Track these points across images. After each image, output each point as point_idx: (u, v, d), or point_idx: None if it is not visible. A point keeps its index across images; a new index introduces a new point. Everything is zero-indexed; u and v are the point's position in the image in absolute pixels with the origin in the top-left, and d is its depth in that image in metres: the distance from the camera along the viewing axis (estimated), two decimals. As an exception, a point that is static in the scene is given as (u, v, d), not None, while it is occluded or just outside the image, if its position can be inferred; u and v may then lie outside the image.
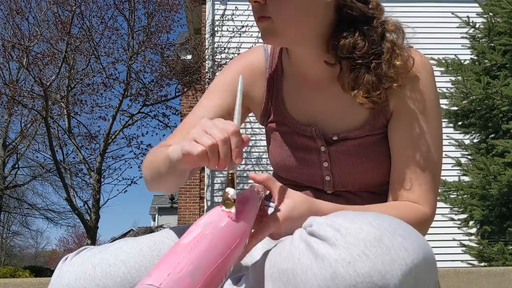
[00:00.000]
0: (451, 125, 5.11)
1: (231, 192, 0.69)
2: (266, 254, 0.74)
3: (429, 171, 0.94)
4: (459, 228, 4.96)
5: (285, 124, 1.02)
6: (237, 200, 0.72)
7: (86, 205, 9.95)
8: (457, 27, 5.39)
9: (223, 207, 0.69)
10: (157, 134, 9.46)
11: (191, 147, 0.70)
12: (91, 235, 8.46)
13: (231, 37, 8.27)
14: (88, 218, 8.74)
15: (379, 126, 0.97)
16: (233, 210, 0.68)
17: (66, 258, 0.91)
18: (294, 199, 0.81)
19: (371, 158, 0.97)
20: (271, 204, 1.01)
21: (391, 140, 0.97)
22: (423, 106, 0.95)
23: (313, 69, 0.98)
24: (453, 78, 4.96)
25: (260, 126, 1.01)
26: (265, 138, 1.13)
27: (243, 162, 8.14)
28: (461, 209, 4.75)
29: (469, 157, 4.96)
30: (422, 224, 0.92)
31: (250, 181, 0.85)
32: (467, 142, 5.01)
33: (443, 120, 5.11)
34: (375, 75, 0.91)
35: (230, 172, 0.71)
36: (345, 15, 0.91)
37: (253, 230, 0.76)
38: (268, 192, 0.85)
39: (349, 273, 0.60)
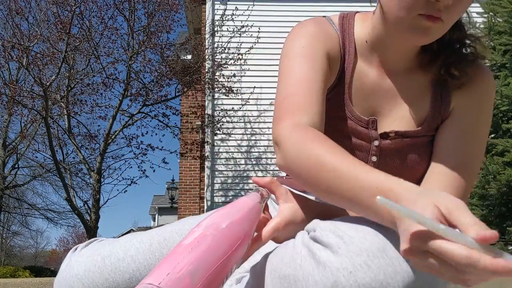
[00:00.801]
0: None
1: None
2: (267, 257, 0.74)
3: (465, 178, 0.91)
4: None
5: (340, 108, 0.95)
6: (240, 202, 0.71)
7: (86, 205, 9.95)
8: (457, 27, 5.39)
9: None
10: (156, 134, 9.46)
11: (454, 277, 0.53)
12: (91, 235, 8.45)
13: (231, 37, 8.27)
14: (88, 218, 8.73)
15: (434, 127, 0.95)
16: None
17: (76, 249, 0.91)
18: (294, 203, 0.80)
19: (418, 161, 0.95)
20: (275, 207, 1.00)
21: (439, 139, 0.94)
22: (480, 114, 0.94)
23: (402, 57, 0.94)
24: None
25: (260, 126, 1.01)
26: (265, 138, 1.11)
27: (243, 163, 8.15)
28: (461, 209, 4.75)
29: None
30: None
31: (250, 181, 0.84)
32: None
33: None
34: (470, 53, 0.93)
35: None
36: None
37: (256, 234, 0.76)
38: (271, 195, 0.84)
39: (350, 283, 0.59)
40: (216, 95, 8.53)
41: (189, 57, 8.77)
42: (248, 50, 8.20)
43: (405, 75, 0.95)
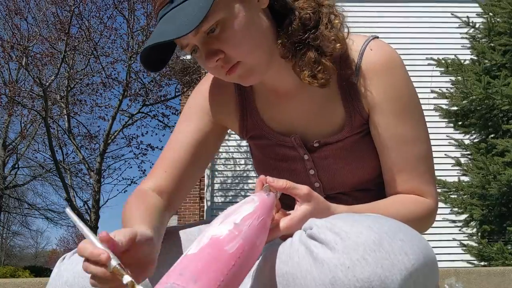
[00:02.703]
0: (451, 125, 5.10)
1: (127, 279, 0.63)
2: (265, 256, 0.74)
3: (420, 163, 0.92)
4: (460, 229, 4.96)
5: (264, 137, 1.00)
6: (265, 208, 0.72)
7: (86, 205, 9.96)
8: (457, 27, 5.38)
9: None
10: (156, 134, 9.46)
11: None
12: (91, 235, 8.46)
13: (231, 37, 8.26)
14: (88, 218, 8.74)
15: (358, 125, 0.94)
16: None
17: (64, 257, 0.91)
18: (313, 205, 0.77)
19: (356, 158, 0.95)
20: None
21: (375, 138, 0.94)
22: (398, 99, 0.91)
23: (279, 80, 0.94)
24: (453, 78, 4.96)
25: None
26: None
27: (243, 163, 8.15)
28: (461, 210, 4.74)
29: (469, 156, 4.95)
30: (428, 216, 0.91)
31: (250, 181, 0.84)
32: (467, 142, 5.00)
33: (443, 120, 5.13)
34: (315, 48, 0.86)
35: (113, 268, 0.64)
36: (277, 7, 0.87)
37: None
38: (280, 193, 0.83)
39: (348, 278, 0.60)
40: (216, 95, 8.51)
41: (189, 57, 8.76)
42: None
43: (304, 89, 0.94)
